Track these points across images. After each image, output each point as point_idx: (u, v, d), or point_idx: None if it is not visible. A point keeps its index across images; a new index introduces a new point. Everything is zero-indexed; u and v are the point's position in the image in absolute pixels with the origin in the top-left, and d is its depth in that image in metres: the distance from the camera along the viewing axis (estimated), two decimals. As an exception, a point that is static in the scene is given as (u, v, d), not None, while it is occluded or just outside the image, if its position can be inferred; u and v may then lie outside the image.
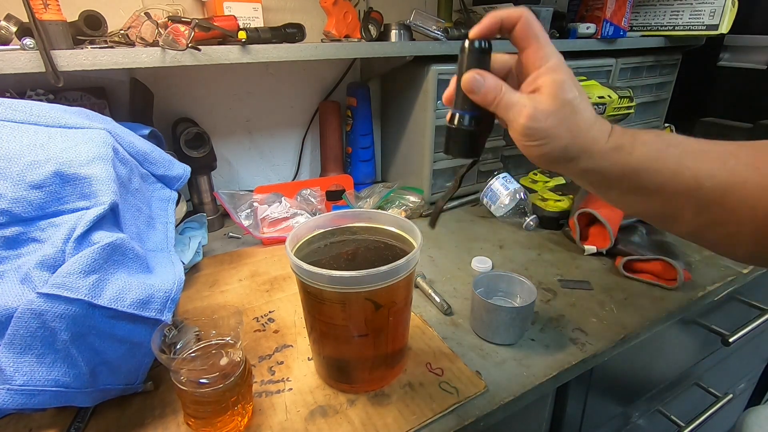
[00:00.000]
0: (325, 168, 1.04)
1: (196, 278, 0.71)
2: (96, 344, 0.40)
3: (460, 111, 0.38)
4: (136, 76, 0.79)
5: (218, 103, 0.92)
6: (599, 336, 0.56)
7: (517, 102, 0.35)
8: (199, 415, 0.41)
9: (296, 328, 0.58)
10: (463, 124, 0.38)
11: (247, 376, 0.43)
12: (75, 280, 0.38)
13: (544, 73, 0.35)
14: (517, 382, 0.49)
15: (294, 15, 0.91)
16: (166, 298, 0.44)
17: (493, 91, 0.36)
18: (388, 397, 0.47)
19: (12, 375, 0.37)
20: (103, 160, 0.45)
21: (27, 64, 0.56)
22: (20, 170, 0.41)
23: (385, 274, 0.40)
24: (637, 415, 0.83)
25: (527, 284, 0.57)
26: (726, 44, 1.25)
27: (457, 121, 0.38)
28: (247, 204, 0.85)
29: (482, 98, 0.36)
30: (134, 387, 0.46)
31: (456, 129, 0.38)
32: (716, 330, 0.76)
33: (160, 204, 0.57)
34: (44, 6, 0.55)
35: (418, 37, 0.87)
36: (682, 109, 1.35)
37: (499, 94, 0.36)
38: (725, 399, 0.89)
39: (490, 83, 0.36)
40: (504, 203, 0.87)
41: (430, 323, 0.59)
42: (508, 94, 0.36)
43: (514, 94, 0.36)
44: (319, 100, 1.02)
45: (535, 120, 0.34)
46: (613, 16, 1.03)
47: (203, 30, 0.65)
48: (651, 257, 0.67)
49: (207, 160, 0.82)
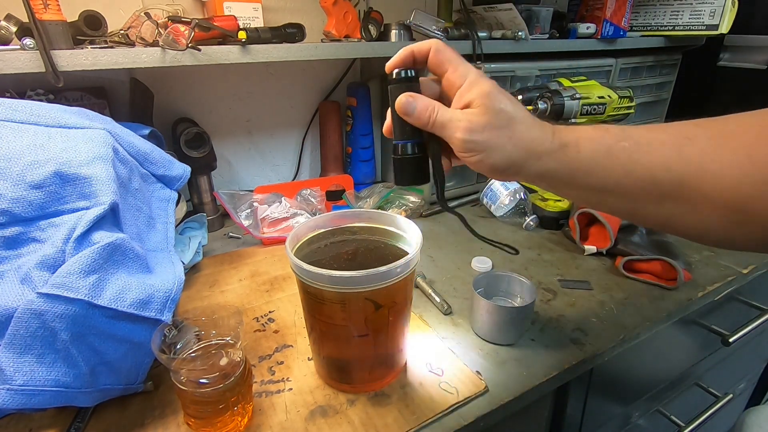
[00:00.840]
0: (325, 168, 1.04)
1: (196, 278, 0.71)
2: (96, 344, 0.40)
3: (402, 141, 0.38)
4: (136, 76, 0.79)
5: (218, 103, 0.92)
6: (599, 336, 0.56)
7: (452, 118, 0.36)
8: (199, 415, 0.41)
9: (296, 328, 0.58)
10: (407, 153, 0.38)
11: (247, 376, 0.43)
12: (75, 280, 0.38)
13: (468, 88, 0.36)
14: (517, 382, 0.49)
15: (294, 15, 0.91)
16: (166, 298, 0.44)
17: (426, 111, 0.36)
18: (388, 397, 0.47)
19: (12, 375, 0.37)
20: (103, 160, 0.45)
21: (27, 64, 0.56)
22: (20, 170, 0.41)
23: (385, 274, 0.40)
24: (637, 415, 0.83)
25: (527, 284, 0.57)
26: (726, 44, 1.25)
27: (401, 150, 0.38)
28: (247, 204, 0.85)
29: (417, 118, 0.37)
30: (134, 387, 0.46)
31: (401, 159, 0.38)
32: (716, 330, 0.76)
33: (160, 204, 0.57)
34: (44, 6, 0.55)
35: (418, 37, 0.87)
36: (682, 109, 1.35)
37: (432, 112, 0.36)
38: (725, 399, 0.89)
39: (422, 103, 0.37)
40: (504, 203, 0.87)
41: (430, 323, 0.59)
42: (442, 112, 0.36)
43: (447, 111, 0.36)
44: (319, 100, 1.02)
45: (472, 133, 0.34)
46: (613, 16, 1.03)
47: (203, 30, 0.65)
48: (651, 257, 0.67)
49: (207, 160, 0.82)
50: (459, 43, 0.86)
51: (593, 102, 0.91)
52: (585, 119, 0.92)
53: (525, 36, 0.90)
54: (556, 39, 1.00)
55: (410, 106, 0.37)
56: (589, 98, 0.90)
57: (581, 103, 0.89)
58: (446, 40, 0.86)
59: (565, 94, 0.88)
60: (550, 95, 0.88)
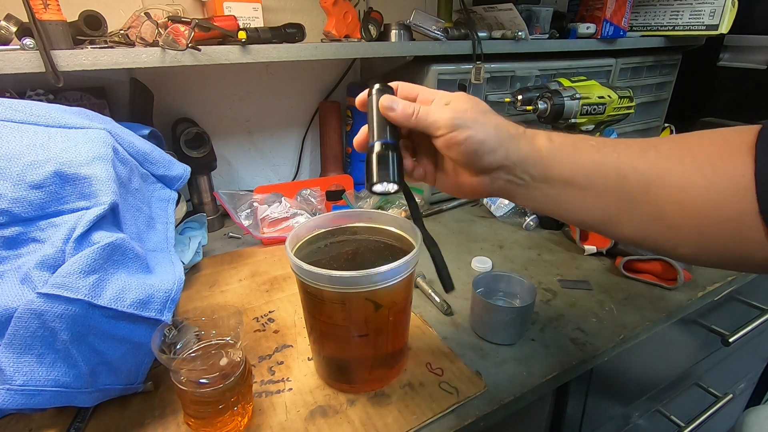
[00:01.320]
0: (325, 168, 1.04)
1: (196, 278, 0.71)
2: (96, 344, 0.40)
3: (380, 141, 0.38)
4: (136, 76, 0.79)
5: (218, 103, 0.92)
6: (599, 336, 0.56)
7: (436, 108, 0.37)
8: (199, 415, 0.41)
9: (296, 328, 0.58)
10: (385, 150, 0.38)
11: (247, 376, 0.43)
12: (75, 280, 0.38)
13: (443, 95, 0.38)
14: (517, 382, 0.49)
15: (294, 15, 0.91)
16: (166, 298, 0.44)
17: (410, 106, 0.38)
18: (388, 397, 0.47)
19: (12, 375, 0.37)
20: (103, 160, 0.45)
21: (27, 64, 0.56)
22: (20, 170, 0.41)
23: (385, 274, 0.40)
24: (637, 415, 0.83)
25: (527, 284, 0.57)
26: (726, 44, 1.25)
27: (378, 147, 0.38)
28: (247, 204, 0.85)
29: (401, 113, 0.38)
30: (134, 387, 0.46)
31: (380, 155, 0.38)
32: (716, 330, 0.76)
33: (160, 204, 0.57)
34: (44, 6, 0.55)
35: (418, 37, 0.87)
36: (682, 109, 1.35)
37: (416, 108, 0.38)
38: (725, 399, 0.89)
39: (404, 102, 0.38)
40: (504, 203, 0.87)
41: (430, 323, 0.59)
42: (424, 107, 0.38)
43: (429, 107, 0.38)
44: (319, 100, 1.02)
45: (459, 112, 0.36)
46: (613, 16, 1.03)
47: (203, 30, 0.65)
48: (651, 257, 0.67)
49: (207, 160, 0.82)
50: (459, 43, 0.86)
51: (593, 102, 0.91)
52: (585, 119, 0.92)
53: (525, 36, 0.90)
54: (556, 39, 1.00)
55: (394, 102, 0.38)
56: (589, 98, 0.90)
57: (581, 103, 0.89)
58: (446, 40, 0.86)
59: (565, 94, 0.88)
60: (550, 95, 0.88)
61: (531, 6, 0.94)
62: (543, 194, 0.39)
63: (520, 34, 0.90)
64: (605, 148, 0.37)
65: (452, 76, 0.89)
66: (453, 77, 0.89)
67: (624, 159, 0.36)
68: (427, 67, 0.86)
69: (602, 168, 0.36)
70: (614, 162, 0.36)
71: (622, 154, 0.36)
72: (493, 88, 0.97)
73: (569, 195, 0.38)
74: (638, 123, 1.28)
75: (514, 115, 1.00)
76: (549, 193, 0.39)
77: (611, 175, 0.36)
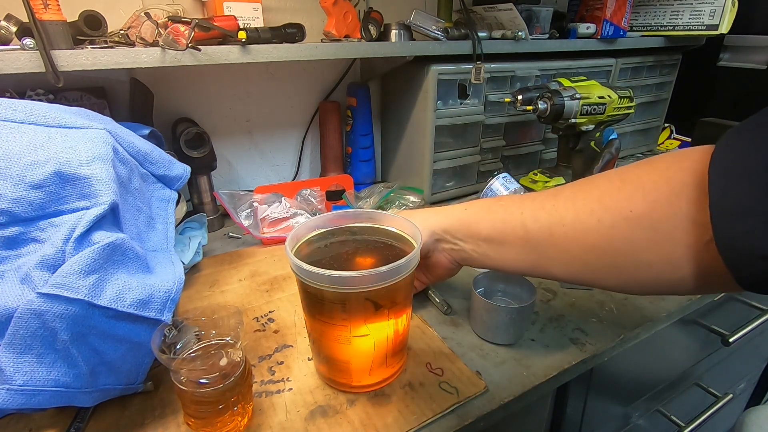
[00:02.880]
0: (325, 168, 1.04)
1: (196, 278, 0.71)
2: (96, 344, 0.40)
3: None
4: (136, 76, 0.79)
5: (218, 103, 0.92)
6: (599, 336, 0.56)
7: None
8: (199, 415, 0.41)
9: (296, 328, 0.58)
10: None
11: (247, 376, 0.43)
12: (75, 280, 0.38)
13: None
14: (517, 382, 0.49)
15: (294, 15, 0.91)
16: (166, 298, 0.44)
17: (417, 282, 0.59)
18: (388, 397, 0.47)
19: (12, 375, 0.37)
20: (103, 160, 0.45)
21: (27, 64, 0.56)
22: (20, 170, 0.41)
23: (385, 274, 0.40)
24: (637, 415, 0.83)
25: (527, 284, 0.57)
26: (726, 44, 1.25)
27: None
28: (247, 204, 0.85)
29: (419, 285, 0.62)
30: (134, 387, 0.46)
31: None
32: (716, 330, 0.76)
33: (160, 204, 0.57)
34: (44, 6, 0.55)
35: (418, 37, 0.87)
36: (682, 109, 1.35)
37: None
38: (725, 399, 0.89)
39: None
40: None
41: (430, 323, 0.59)
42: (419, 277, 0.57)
43: None
44: (319, 100, 1.02)
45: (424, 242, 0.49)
46: (613, 16, 1.03)
47: (203, 30, 0.65)
48: (651, 257, 0.67)
49: (207, 160, 0.82)
50: (459, 43, 0.86)
51: (593, 102, 0.91)
52: (585, 119, 0.92)
53: (525, 36, 0.90)
54: (556, 39, 1.00)
55: None
56: (589, 98, 0.90)
57: (581, 103, 0.89)
58: (446, 40, 0.86)
59: (565, 94, 0.88)
60: (550, 95, 0.88)
61: (531, 6, 0.94)
62: (479, 254, 0.47)
63: (520, 34, 0.90)
64: (512, 206, 0.43)
65: (452, 76, 0.89)
66: (453, 77, 0.89)
67: (527, 213, 0.41)
68: (427, 67, 0.86)
69: (510, 224, 0.43)
70: (519, 218, 0.42)
71: (526, 209, 0.42)
72: (493, 88, 0.97)
73: (495, 251, 0.45)
74: (638, 123, 1.28)
75: (514, 115, 1.00)
76: (479, 251, 0.46)
77: (518, 229, 0.42)
